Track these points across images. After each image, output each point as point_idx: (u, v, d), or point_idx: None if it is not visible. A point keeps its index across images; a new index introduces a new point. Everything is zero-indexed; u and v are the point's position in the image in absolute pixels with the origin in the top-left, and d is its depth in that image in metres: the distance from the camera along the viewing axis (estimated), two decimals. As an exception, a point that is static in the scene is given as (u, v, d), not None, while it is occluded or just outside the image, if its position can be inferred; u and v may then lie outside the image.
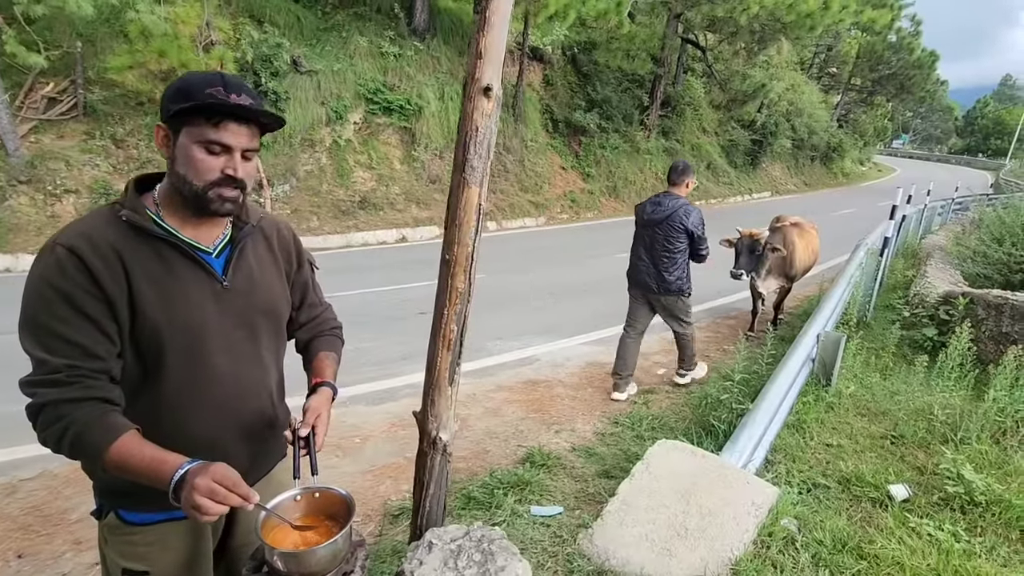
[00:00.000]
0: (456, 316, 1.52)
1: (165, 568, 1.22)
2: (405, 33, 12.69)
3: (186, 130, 1.06)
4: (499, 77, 1.39)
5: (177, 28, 8.72)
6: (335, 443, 3.40)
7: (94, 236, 1.04)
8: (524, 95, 14.03)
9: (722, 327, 5.87)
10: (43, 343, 1.00)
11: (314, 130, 10.91)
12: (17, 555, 2.43)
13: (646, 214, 3.95)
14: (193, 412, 1.16)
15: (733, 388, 3.46)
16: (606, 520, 2.41)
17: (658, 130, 17.32)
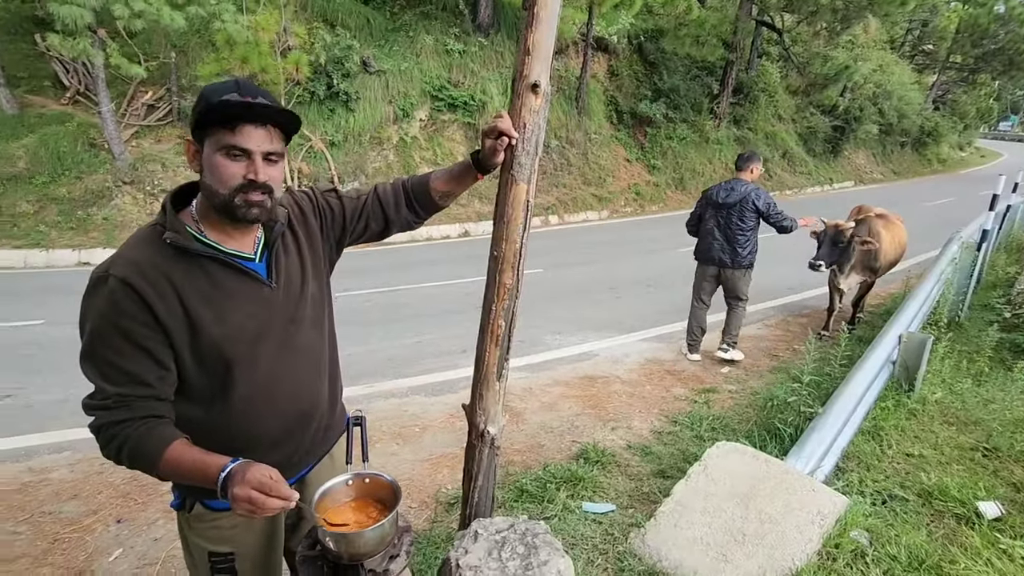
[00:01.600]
0: (504, 312, 1.54)
1: (248, 548, 1.31)
2: (470, 30, 12.84)
3: (208, 140, 1.08)
4: (548, 73, 1.38)
5: (258, 35, 9.25)
6: (396, 431, 3.53)
7: (144, 264, 1.07)
8: (588, 87, 13.83)
9: (793, 325, 5.57)
10: (100, 371, 1.07)
11: (382, 128, 11.28)
12: (116, 520, 2.70)
13: (719, 198, 4.35)
14: (260, 415, 1.23)
15: (802, 390, 3.28)
16: (659, 521, 2.36)
17: (729, 119, 16.57)
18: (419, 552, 2.28)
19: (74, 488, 2.91)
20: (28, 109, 9.71)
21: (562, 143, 13.30)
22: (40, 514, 2.72)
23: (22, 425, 3.56)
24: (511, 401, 3.90)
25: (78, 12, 7.65)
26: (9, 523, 2.66)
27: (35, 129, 9.41)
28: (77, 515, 2.72)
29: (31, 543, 2.53)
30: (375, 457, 3.21)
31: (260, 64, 9.32)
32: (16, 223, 8.64)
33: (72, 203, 8.97)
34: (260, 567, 1.34)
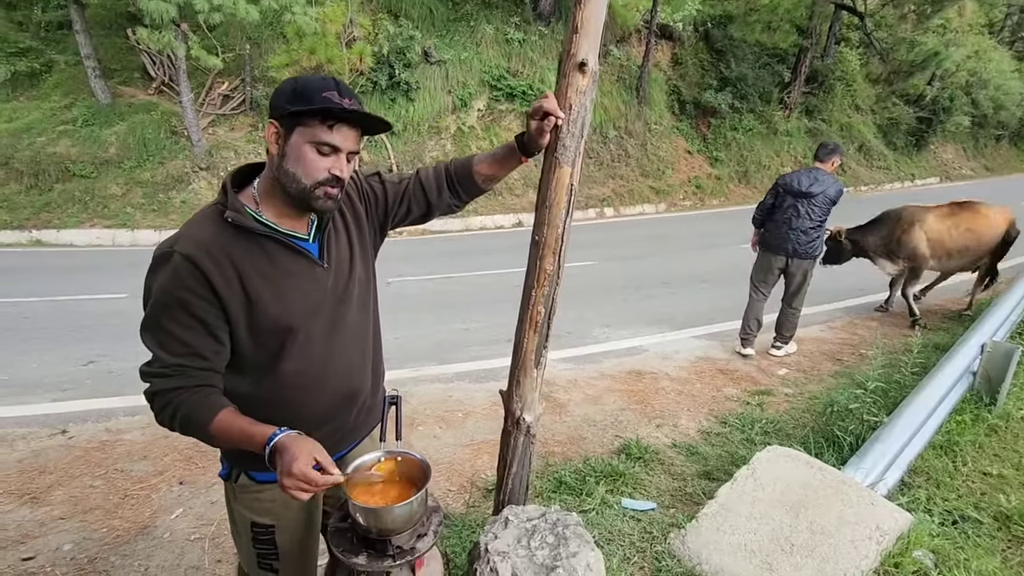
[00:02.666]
0: (544, 298, 1.52)
1: (288, 522, 1.36)
2: (530, 18, 12.75)
3: (299, 130, 1.11)
4: (596, 52, 1.33)
5: (325, 27, 9.56)
6: (439, 415, 3.58)
7: (208, 242, 1.11)
8: (650, 76, 13.44)
9: (860, 328, 5.23)
10: (159, 341, 1.12)
11: (440, 118, 11.42)
12: (179, 481, 2.89)
13: (802, 186, 4.25)
14: (309, 391, 1.26)
15: (866, 397, 3.07)
16: (701, 523, 2.28)
17: (800, 109, 15.68)
18: (455, 535, 2.30)
19: (144, 449, 3.14)
20: (119, 99, 10.47)
21: (620, 133, 13.02)
22: (114, 471, 2.95)
23: (104, 388, 3.88)
24: (555, 392, 3.87)
25: (164, 7, 8.15)
26: (87, 477, 2.89)
27: (125, 117, 10.15)
28: (145, 474, 2.93)
29: (105, 497, 2.75)
30: (417, 439, 3.28)
31: (327, 55, 9.63)
32: (107, 204, 9.37)
33: (155, 187, 9.63)
34: (298, 541, 1.38)
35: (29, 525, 2.53)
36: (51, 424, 3.39)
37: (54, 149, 9.49)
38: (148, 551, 2.40)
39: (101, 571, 2.28)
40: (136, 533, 2.51)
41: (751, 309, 4.50)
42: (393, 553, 1.17)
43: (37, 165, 9.34)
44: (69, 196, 9.32)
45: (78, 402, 3.69)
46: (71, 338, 4.74)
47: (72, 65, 10.52)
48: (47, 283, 6.35)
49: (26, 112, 9.96)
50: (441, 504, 2.65)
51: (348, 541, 1.20)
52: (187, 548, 2.43)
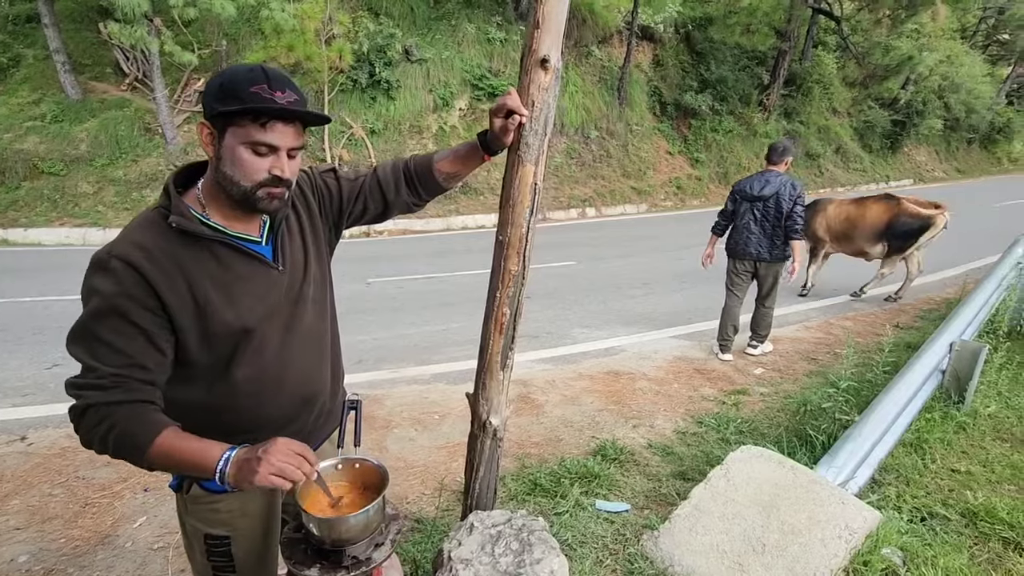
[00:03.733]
0: (509, 299, 1.49)
1: (244, 532, 1.30)
2: (512, 18, 12.74)
3: (231, 130, 1.04)
4: (558, 48, 1.31)
5: (303, 24, 9.43)
6: (415, 417, 3.53)
7: (150, 247, 1.04)
8: (631, 77, 13.52)
9: (836, 328, 5.29)
10: (92, 351, 1.02)
11: (421, 117, 11.35)
12: (144, 488, 2.80)
13: (754, 190, 4.25)
14: (264, 396, 1.21)
15: (838, 396, 3.10)
16: (675, 524, 2.27)
17: (779, 111, 15.92)
18: (426, 539, 2.26)
19: (108, 456, 3.04)
20: (91, 95, 10.23)
21: (602, 134, 13.07)
22: (75, 478, 2.85)
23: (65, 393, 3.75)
24: (532, 393, 3.85)
25: (136, 1, 7.97)
26: (47, 485, 2.79)
27: (96, 114, 9.91)
28: (108, 481, 2.83)
29: (64, 505, 2.65)
30: (393, 442, 3.23)
31: (305, 52, 9.51)
32: (77, 202, 9.14)
33: (128, 185, 9.42)
34: (255, 552, 1.33)
35: (-17, 536, 2.43)
36: (9, 430, 3.27)
37: (21, 145, 9.24)
38: (108, 561, 2.32)
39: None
40: (96, 543, 2.42)
41: (727, 314, 4.49)
42: (348, 564, 1.12)
43: (3, 162, 9.08)
44: (37, 194, 9.07)
45: (40, 407, 3.56)
46: (35, 340, 4.60)
47: (41, 60, 10.25)
48: (12, 284, 6.16)
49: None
50: (414, 508, 2.62)
51: (302, 552, 1.16)
52: (149, 558, 2.35)
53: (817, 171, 16.33)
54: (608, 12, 13.75)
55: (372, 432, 3.31)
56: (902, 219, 5.68)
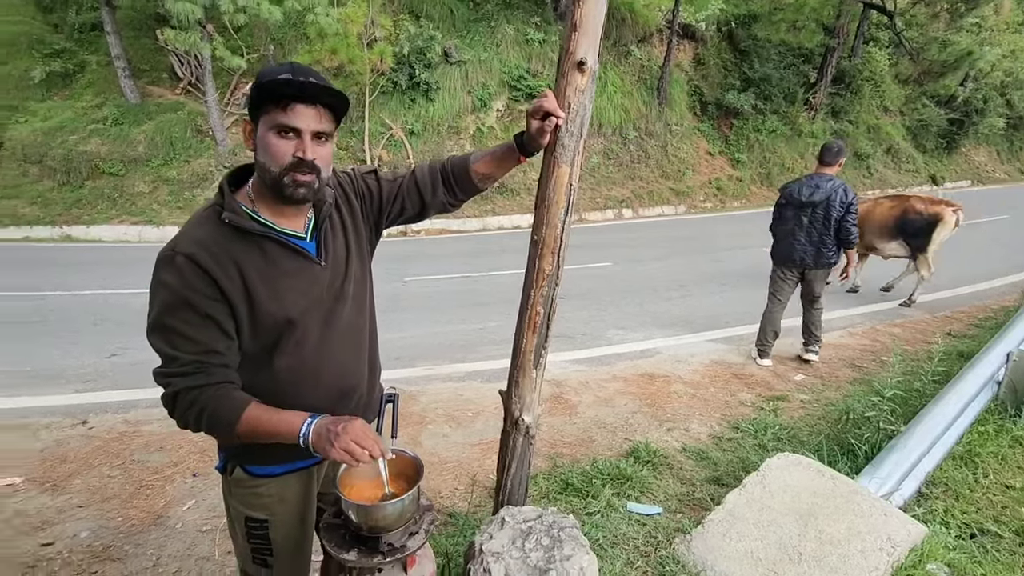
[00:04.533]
0: (543, 299, 1.51)
1: (282, 517, 1.37)
2: (551, 18, 12.74)
3: (262, 119, 1.12)
4: (595, 51, 1.32)
5: (347, 27, 9.68)
6: (450, 414, 3.60)
7: (209, 243, 1.13)
8: (671, 76, 13.31)
9: (883, 335, 5.10)
10: (171, 342, 1.12)
11: (460, 118, 11.47)
12: (193, 473, 2.95)
13: (803, 195, 4.06)
14: (303, 387, 1.27)
15: (883, 405, 2.99)
16: (708, 529, 2.25)
17: (826, 110, 15.37)
18: (458, 533, 2.31)
19: (161, 441, 3.21)
20: (148, 98, 10.76)
21: (640, 134, 12.92)
22: (131, 462, 3.03)
23: (125, 380, 3.98)
24: (566, 393, 3.86)
25: (190, 8, 8.35)
26: (106, 467, 2.97)
27: (153, 117, 10.42)
28: (161, 465, 3.00)
29: (121, 486, 2.82)
30: (427, 438, 3.30)
31: (348, 55, 9.75)
32: (134, 201, 9.63)
33: (180, 184, 9.87)
34: (292, 537, 1.39)
35: (49, 512, 2.60)
36: (73, 414, 3.49)
37: (85, 147, 9.79)
38: (160, 541, 2.45)
39: (115, 559, 2.34)
40: (150, 523, 2.57)
41: (768, 319, 4.35)
42: (384, 550, 1.17)
43: (69, 163, 9.65)
44: (99, 193, 9.60)
45: (99, 393, 3.79)
46: (95, 331, 4.88)
47: (103, 66, 10.84)
48: (75, 277, 6.55)
49: (59, 111, 10.29)
50: (447, 503, 2.67)
51: (340, 537, 1.21)
52: (198, 539, 2.47)
53: (866, 172, 15.70)
54: (648, 11, 13.58)
55: (407, 427, 3.39)
56: (910, 215, 5.71)
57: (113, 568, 2.28)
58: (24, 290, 5.99)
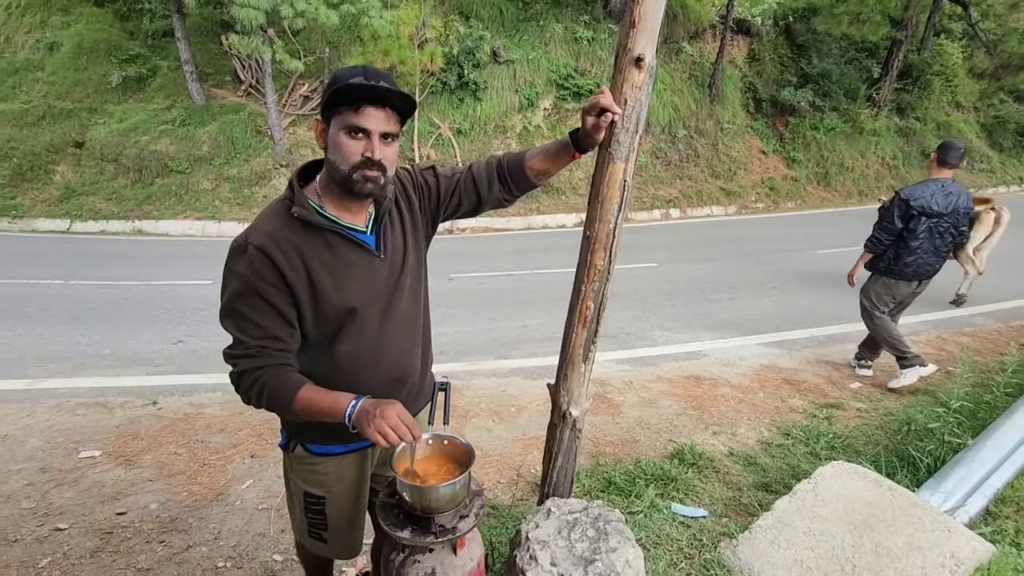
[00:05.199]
0: (594, 294, 1.52)
1: (338, 495, 1.45)
2: (600, 16, 12.63)
3: (334, 120, 1.19)
4: (653, 47, 1.33)
5: (399, 29, 9.90)
6: (493, 409, 3.64)
7: (278, 235, 1.21)
8: (724, 73, 12.95)
9: (949, 344, 4.82)
10: (239, 326, 1.22)
11: (507, 117, 11.53)
12: (251, 455, 3.11)
13: (940, 206, 3.64)
14: (361, 372, 1.34)
15: (948, 416, 2.84)
16: (755, 535, 2.20)
17: (891, 106, 14.58)
18: (500, 525, 2.35)
19: (222, 423, 3.40)
20: (212, 100, 11.33)
21: (690, 133, 12.64)
22: (195, 441, 3.22)
23: (189, 365, 4.23)
24: (609, 393, 3.84)
25: (253, 14, 8.74)
26: (172, 445, 3.17)
27: (216, 117, 10.97)
28: (222, 446, 3.17)
29: (187, 463, 3.00)
30: (471, 431, 3.36)
31: (399, 56, 9.97)
32: (198, 198, 10.17)
33: (240, 182, 10.35)
34: (346, 514, 1.47)
35: (123, 484, 2.81)
36: (144, 395, 3.74)
37: (155, 147, 10.41)
38: (221, 516, 2.60)
39: (181, 530, 2.50)
40: (212, 499, 2.73)
41: (888, 330, 3.93)
42: (436, 530, 1.22)
43: (141, 161, 10.29)
44: (167, 190, 10.19)
45: (167, 377, 4.04)
46: (164, 319, 5.20)
47: (173, 70, 11.49)
48: (145, 269, 6.99)
49: (134, 113, 10.98)
50: (489, 495, 2.71)
51: (395, 516, 1.27)
52: (255, 516, 2.61)
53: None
54: (701, 7, 13.26)
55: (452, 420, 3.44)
56: None
57: (179, 539, 2.44)
58: (104, 280, 6.44)
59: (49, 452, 3.06)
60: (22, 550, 2.32)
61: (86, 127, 10.73)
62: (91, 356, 4.39)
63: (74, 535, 2.42)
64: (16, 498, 2.65)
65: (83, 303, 5.64)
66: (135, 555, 2.33)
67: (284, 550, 2.38)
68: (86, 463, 2.97)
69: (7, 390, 3.80)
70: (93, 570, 2.24)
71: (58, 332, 4.84)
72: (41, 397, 3.70)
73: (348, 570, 2.27)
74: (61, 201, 10.04)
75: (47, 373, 4.07)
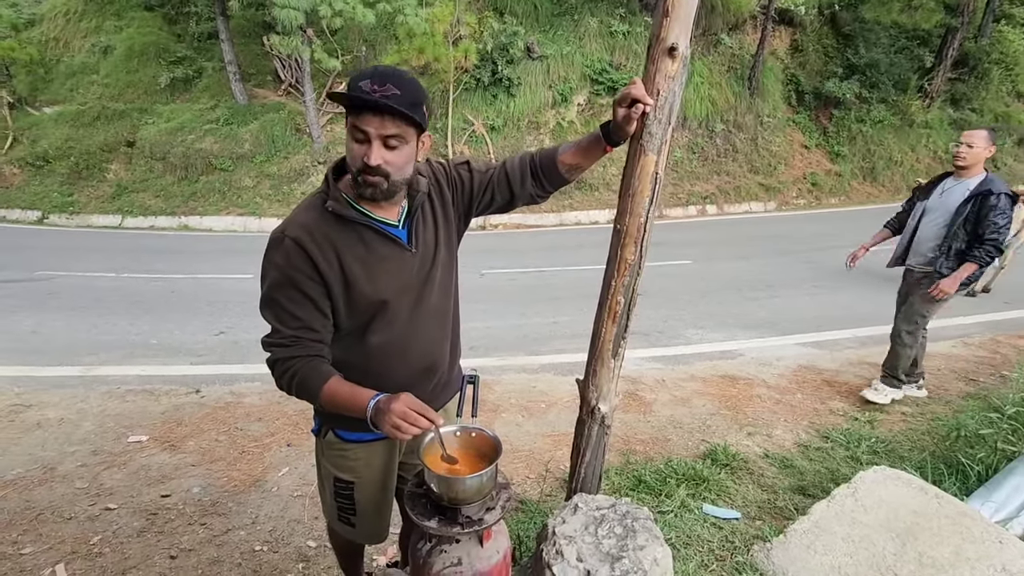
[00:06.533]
0: (624, 288, 1.50)
1: (366, 481, 1.49)
2: (636, 9, 12.45)
3: (347, 120, 1.20)
4: (687, 36, 1.30)
5: (434, 27, 9.99)
6: (522, 404, 3.64)
7: (313, 228, 1.23)
8: (764, 65, 12.58)
9: (1003, 347, 4.56)
10: (276, 315, 1.26)
11: (540, 113, 11.50)
12: (287, 443, 3.20)
13: None
14: (392, 362, 1.37)
15: (1003, 423, 2.69)
16: (790, 539, 2.13)
17: (944, 97, 13.89)
18: (528, 519, 2.35)
19: (260, 412, 3.51)
20: (254, 100, 11.69)
21: (728, 127, 12.34)
22: (234, 429, 3.33)
23: (230, 356, 4.38)
24: (641, 391, 3.79)
25: (293, 14, 8.97)
26: (214, 432, 3.29)
27: (258, 116, 11.30)
28: (260, 434, 3.27)
29: (227, 450, 3.11)
30: (500, 426, 3.37)
31: (434, 53, 10.06)
32: (240, 194, 10.51)
33: (280, 179, 10.64)
34: (374, 500, 1.50)
35: (167, 468, 2.93)
36: (188, 384, 3.89)
37: (200, 145, 10.81)
38: (258, 502, 2.69)
39: (221, 513, 2.59)
40: (250, 485, 2.82)
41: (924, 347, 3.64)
42: (463, 521, 1.23)
43: (187, 159, 10.70)
44: (211, 187, 10.57)
45: (210, 366, 4.20)
46: (207, 311, 5.40)
47: (217, 71, 11.90)
48: (190, 262, 7.27)
49: (180, 113, 11.42)
50: (518, 490, 2.72)
51: (423, 506, 1.28)
52: (290, 503, 2.68)
53: (992, 166, 14.02)
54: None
55: (481, 415, 3.46)
56: None
57: (219, 522, 2.53)
58: (153, 273, 6.73)
59: (101, 436, 3.21)
60: (76, 527, 2.45)
61: (137, 127, 11.22)
62: (140, 346, 4.59)
63: (123, 515, 2.55)
64: (71, 478, 2.80)
65: (133, 295, 5.91)
66: (178, 536, 2.43)
67: (318, 536, 2.44)
68: (134, 447, 3.11)
69: (65, 375, 4.02)
70: (140, 548, 2.34)
71: (110, 323, 5.09)
72: (94, 384, 3.89)
73: (379, 558, 2.31)
74: (114, 198, 10.54)
75: (99, 361, 4.28)
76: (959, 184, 3.24)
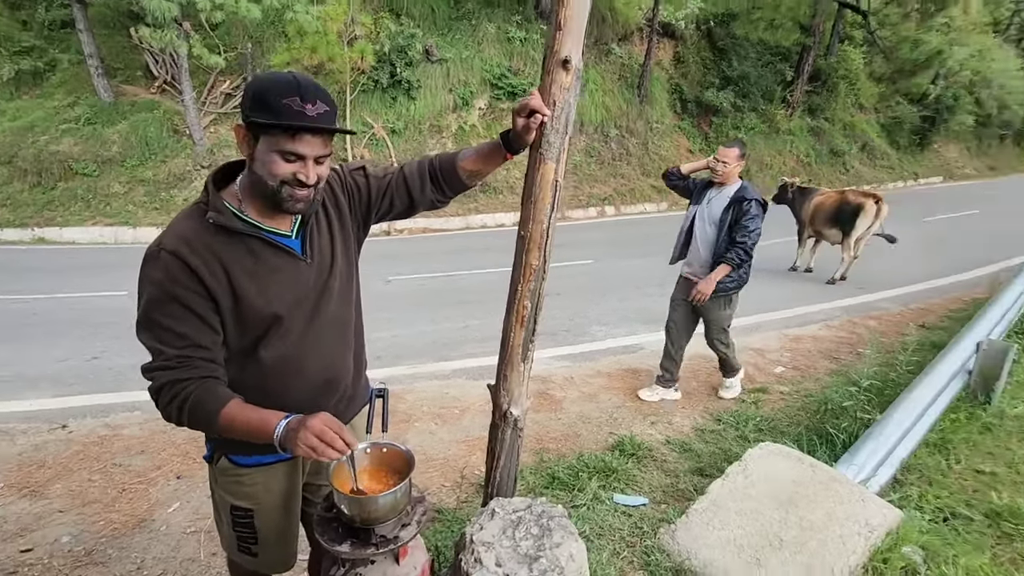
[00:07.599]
0: (530, 293, 1.53)
1: (267, 506, 1.39)
2: (532, 16, 12.77)
3: (264, 138, 1.11)
4: (579, 49, 1.35)
5: (326, 25, 9.58)
6: (435, 412, 3.60)
7: (193, 239, 1.14)
8: (651, 74, 13.43)
9: (860, 328, 5.23)
10: (157, 336, 1.14)
11: (442, 116, 11.43)
12: (176, 476, 2.92)
13: None
14: (290, 379, 1.29)
15: (860, 395, 3.08)
16: (691, 518, 2.30)
17: (803, 108, 15.65)
18: (446, 528, 2.33)
19: (143, 444, 3.17)
20: (122, 98, 10.52)
21: (622, 132, 13.02)
22: (112, 465, 2.98)
23: (105, 384, 3.91)
24: (551, 389, 3.89)
25: (166, 5, 8.19)
26: (86, 471, 2.92)
27: (127, 116, 10.19)
28: (143, 468, 2.96)
29: (103, 490, 2.78)
30: (414, 435, 3.30)
31: (328, 53, 9.65)
32: (109, 202, 9.42)
33: (157, 185, 9.67)
34: (276, 527, 1.41)
35: (28, 518, 2.56)
36: (52, 419, 3.42)
37: (57, 147, 9.55)
38: (145, 544, 2.43)
39: (98, 563, 2.31)
40: (133, 526, 2.54)
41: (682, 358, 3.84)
42: (377, 542, 1.19)
43: (40, 163, 9.40)
44: (72, 194, 9.37)
45: (79, 397, 3.72)
46: (75, 335, 4.78)
47: (75, 64, 10.57)
48: (51, 280, 6.40)
49: (29, 110, 10.02)
50: (434, 499, 2.68)
51: (333, 530, 1.22)
52: (183, 541, 2.45)
53: (842, 168, 16.03)
54: (628, 9, 13.68)
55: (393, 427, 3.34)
56: (842, 205, 6.60)
57: (96, 572, 2.25)
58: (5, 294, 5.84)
59: (-63, 489, 2.74)
60: (-94, 601, 2.07)
61: (-28, 125, 9.69)
62: (-11, 379, 3.97)
63: (-30, 579, 2.19)
64: (-103, 543, 2.37)
65: (-22, 320, 5.11)
66: (45, 595, 2.13)
67: (216, 574, 2.26)
68: (-18, 498, 2.68)
69: None
70: (-5, 616, 2.03)
71: (-55, 354, 4.36)
72: (-74, 428, 3.31)
73: (288, 589, 2.17)
74: (-56, 208, 9.02)
75: (-67, 401, 3.65)
76: (720, 194, 3.49)
